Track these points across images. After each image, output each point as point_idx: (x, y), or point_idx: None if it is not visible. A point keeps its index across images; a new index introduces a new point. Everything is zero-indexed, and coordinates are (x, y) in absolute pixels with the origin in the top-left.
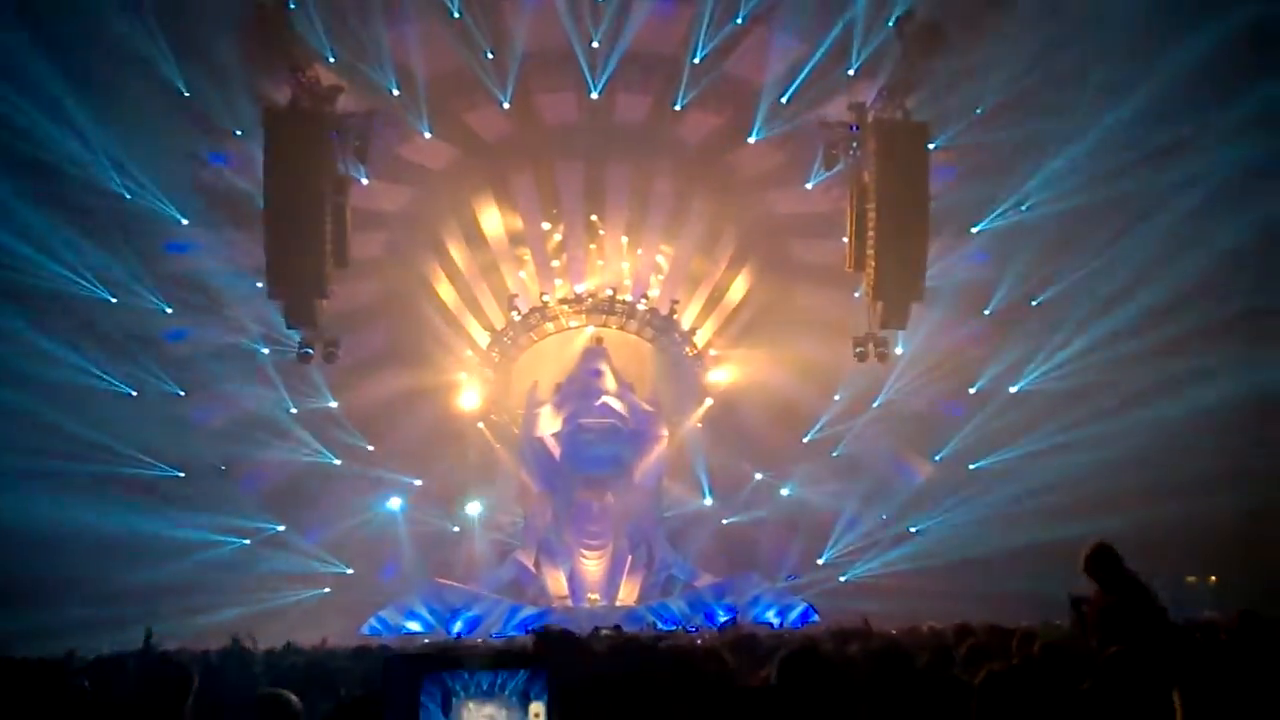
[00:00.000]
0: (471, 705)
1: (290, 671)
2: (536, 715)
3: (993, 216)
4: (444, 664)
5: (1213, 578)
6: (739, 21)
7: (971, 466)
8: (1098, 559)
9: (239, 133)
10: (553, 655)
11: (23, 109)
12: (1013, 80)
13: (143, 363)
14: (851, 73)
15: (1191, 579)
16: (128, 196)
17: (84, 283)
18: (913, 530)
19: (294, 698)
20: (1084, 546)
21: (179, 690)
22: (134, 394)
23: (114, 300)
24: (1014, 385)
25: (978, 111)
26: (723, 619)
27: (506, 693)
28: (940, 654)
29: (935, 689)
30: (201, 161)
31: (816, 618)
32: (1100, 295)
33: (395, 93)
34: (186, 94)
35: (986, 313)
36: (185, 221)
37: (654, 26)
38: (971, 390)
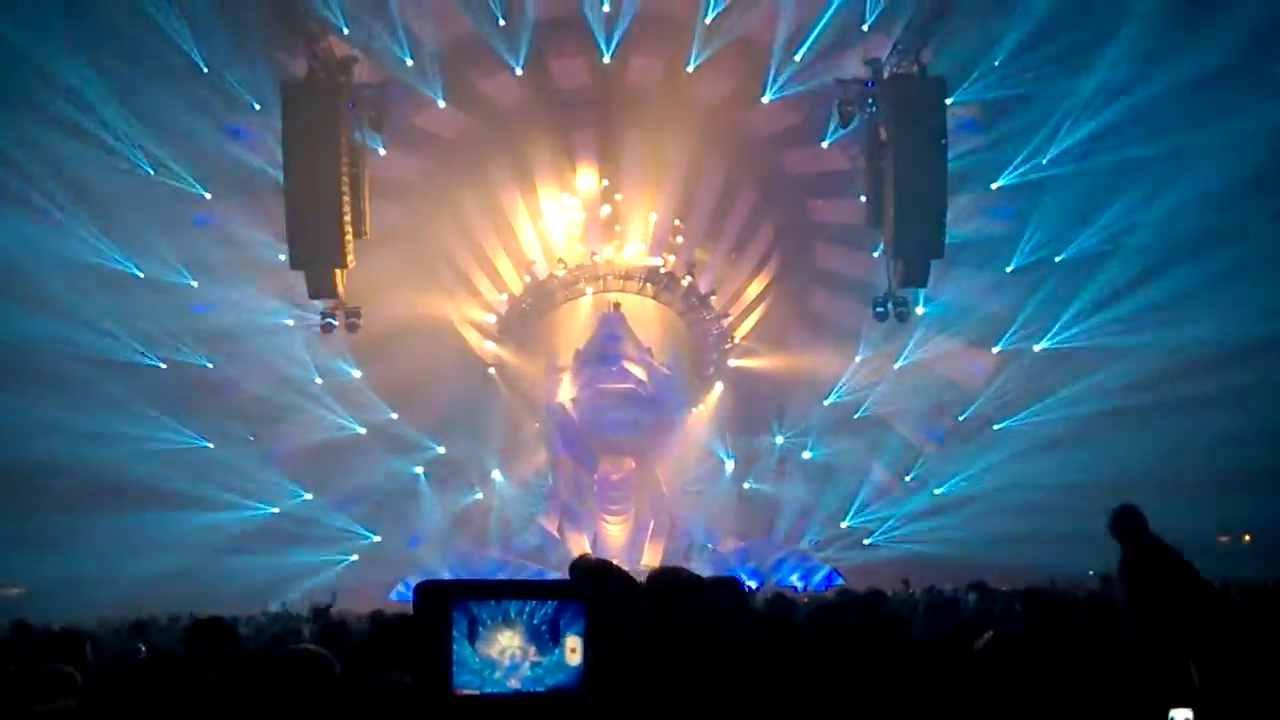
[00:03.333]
0: (500, 635)
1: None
2: (574, 650)
3: (1014, 171)
4: (474, 592)
5: (1247, 536)
6: None
7: (995, 427)
8: (1123, 522)
9: (257, 106)
10: (590, 586)
11: (47, 88)
12: (1031, 31)
13: (170, 335)
14: (865, 28)
15: (1224, 538)
16: (152, 172)
17: (111, 258)
18: (937, 492)
19: (323, 651)
20: (1110, 510)
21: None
22: (162, 366)
23: (141, 274)
24: (1038, 343)
25: (995, 64)
26: (747, 584)
27: (536, 622)
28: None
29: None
30: (222, 135)
31: (841, 581)
32: (1125, 251)
33: (409, 62)
34: (205, 69)
35: (1009, 270)
36: (208, 195)
37: None
38: (994, 349)
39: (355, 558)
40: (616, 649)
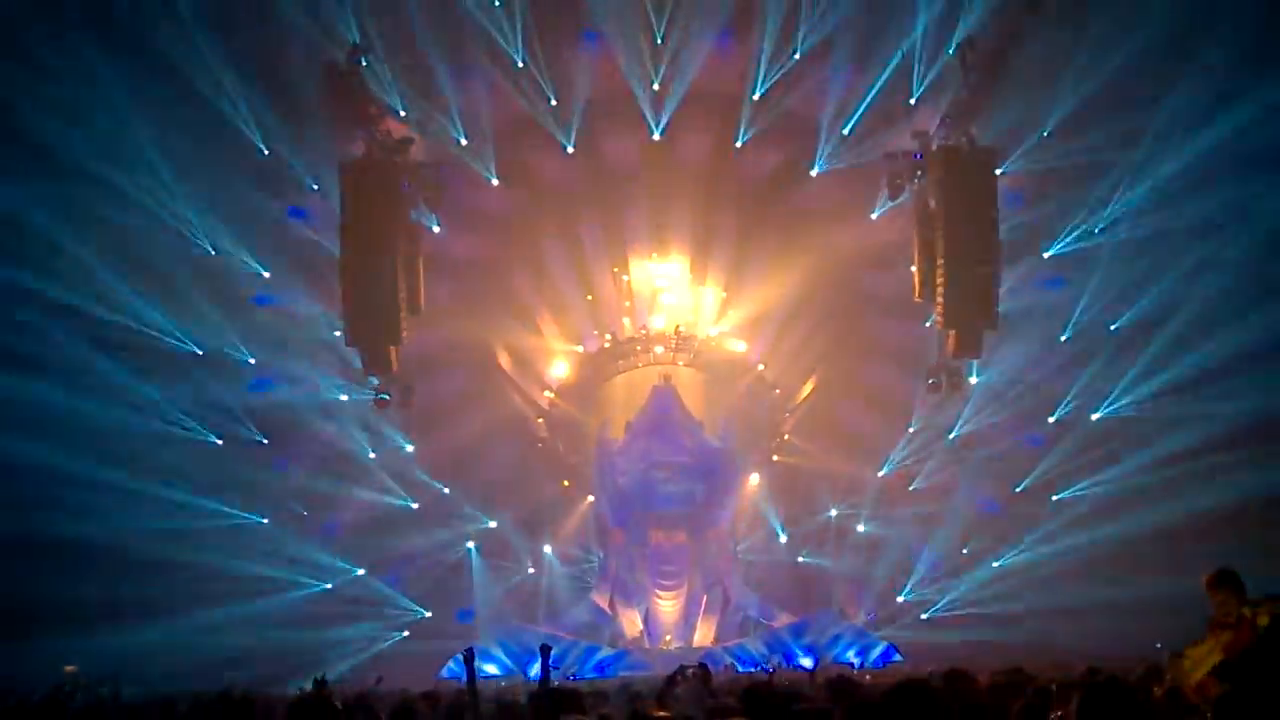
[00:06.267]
0: None
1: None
2: None
3: (1065, 240)
4: None
5: None
6: (796, 56)
7: (1054, 498)
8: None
9: (316, 187)
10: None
11: (116, 172)
12: (1080, 101)
13: (228, 412)
14: (913, 101)
15: None
16: (213, 252)
17: (172, 336)
18: (995, 565)
19: None
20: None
21: None
22: (219, 442)
23: (201, 353)
24: (1095, 412)
25: (1044, 133)
26: (802, 660)
27: None
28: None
29: None
30: (282, 215)
31: (899, 657)
32: (1181, 318)
33: (463, 142)
34: (266, 151)
35: (1063, 339)
36: (267, 274)
37: (713, 66)
38: (1051, 419)
39: (406, 634)
40: None
